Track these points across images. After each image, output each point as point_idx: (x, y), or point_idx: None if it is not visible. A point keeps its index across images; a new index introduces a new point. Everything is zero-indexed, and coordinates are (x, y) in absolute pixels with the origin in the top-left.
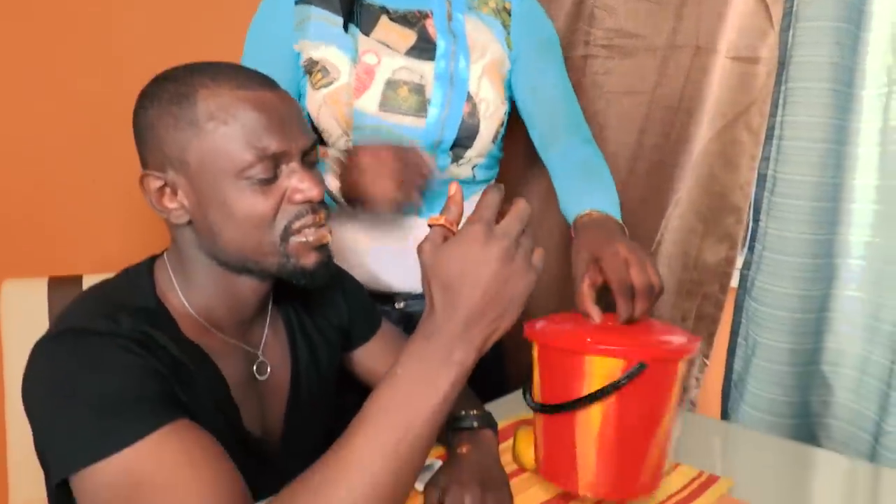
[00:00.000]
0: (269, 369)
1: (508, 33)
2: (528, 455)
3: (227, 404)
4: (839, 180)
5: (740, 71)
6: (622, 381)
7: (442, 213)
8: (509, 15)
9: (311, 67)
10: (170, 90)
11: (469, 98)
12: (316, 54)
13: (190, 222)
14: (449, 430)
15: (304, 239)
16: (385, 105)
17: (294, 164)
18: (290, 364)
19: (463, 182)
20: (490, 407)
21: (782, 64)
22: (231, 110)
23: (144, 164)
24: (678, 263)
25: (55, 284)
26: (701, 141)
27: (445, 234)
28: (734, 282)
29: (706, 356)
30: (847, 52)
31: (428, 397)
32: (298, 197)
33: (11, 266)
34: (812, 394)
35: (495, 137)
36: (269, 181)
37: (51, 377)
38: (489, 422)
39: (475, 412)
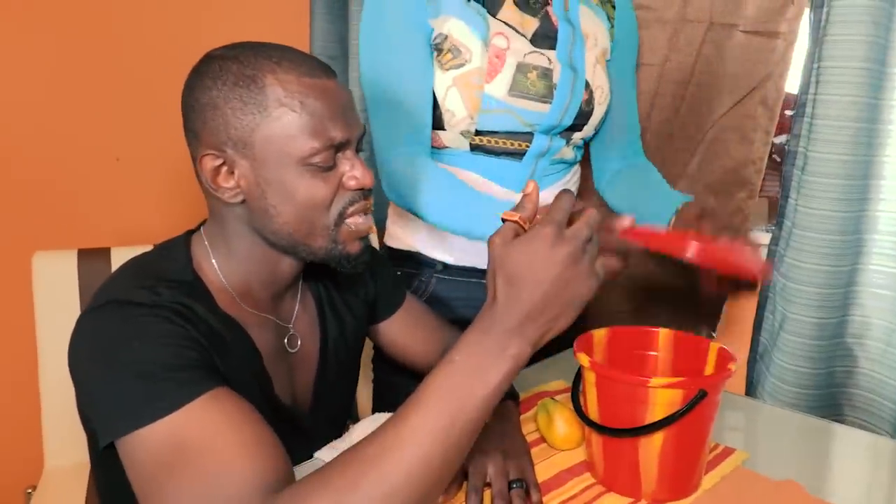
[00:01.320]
0: (299, 342)
1: (612, 25)
2: (552, 434)
3: (261, 374)
4: (870, 158)
5: (757, 45)
6: (685, 410)
7: (516, 209)
8: (613, 7)
9: (441, 45)
10: (235, 72)
11: (587, 85)
12: (446, 29)
13: (243, 202)
14: None
15: (353, 227)
16: (514, 89)
17: (350, 152)
18: (318, 337)
19: (564, 163)
20: (527, 373)
21: (815, 42)
22: (299, 97)
23: (197, 141)
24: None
25: (84, 256)
26: (713, 115)
27: (517, 230)
28: None
29: (713, 328)
30: (882, 31)
31: (480, 387)
32: (353, 184)
33: (42, 238)
34: (837, 365)
35: (600, 123)
36: (330, 168)
37: (97, 346)
38: (511, 393)
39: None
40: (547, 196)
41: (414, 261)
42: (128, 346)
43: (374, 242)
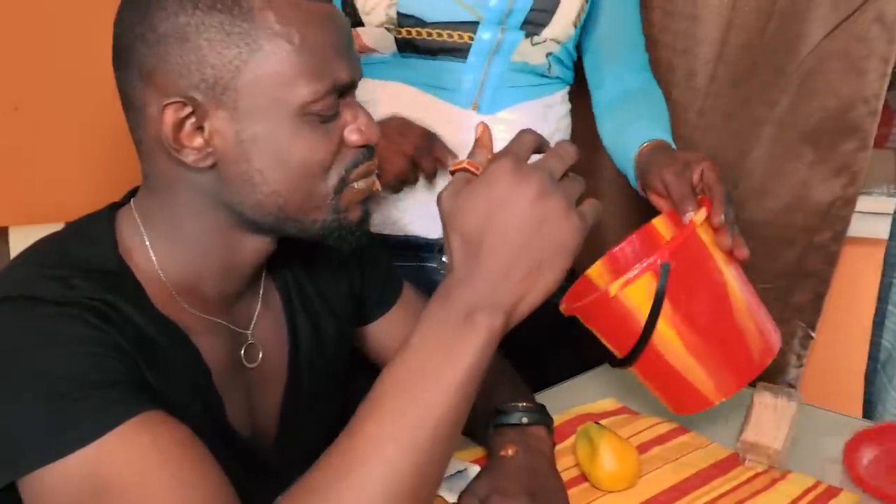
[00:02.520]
0: (260, 354)
1: None
2: (596, 470)
3: (209, 396)
4: None
5: None
6: (659, 290)
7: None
8: None
9: None
10: None
11: None
12: None
13: (213, 167)
14: (491, 427)
15: (355, 188)
16: None
17: (351, 98)
18: (287, 346)
19: (534, 73)
20: (546, 396)
21: None
22: (297, 26)
23: (146, 85)
24: (776, 202)
25: None
26: (811, 37)
27: (469, 178)
28: (856, 229)
29: (811, 326)
30: None
31: (448, 370)
32: (356, 138)
33: None
34: None
35: (577, 20)
36: (332, 118)
37: None
38: (542, 417)
39: (524, 404)
40: (506, 118)
41: (405, 247)
42: (29, 356)
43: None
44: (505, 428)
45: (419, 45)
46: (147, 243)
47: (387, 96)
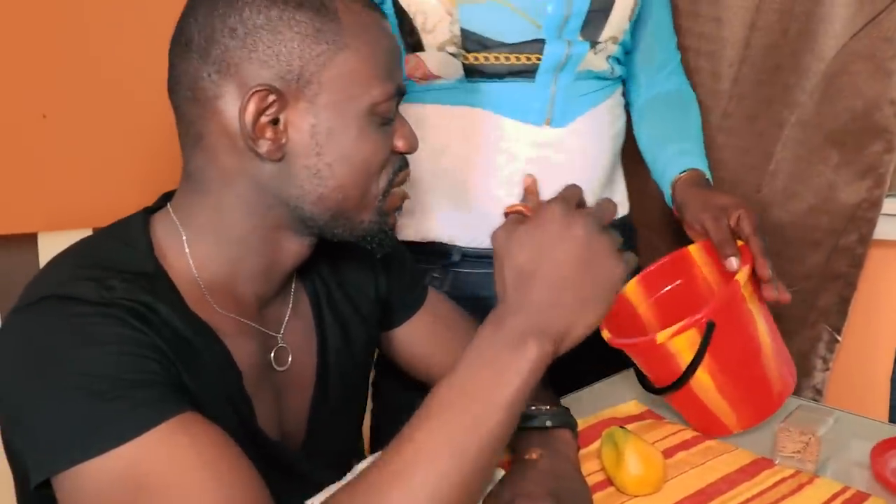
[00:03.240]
0: (290, 358)
1: None
2: (621, 475)
3: (240, 398)
4: None
5: None
6: (702, 346)
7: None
8: None
9: None
10: None
11: None
12: None
13: (281, 159)
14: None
15: (395, 195)
16: None
17: (397, 107)
18: (316, 351)
19: (598, 77)
20: (570, 401)
21: None
22: (371, 31)
23: (229, 75)
24: (801, 204)
25: (4, 244)
26: (835, 38)
27: (522, 220)
28: (883, 232)
29: (837, 330)
30: None
31: (498, 393)
32: (402, 145)
33: None
34: None
35: (631, 15)
36: (390, 122)
37: (28, 356)
38: (566, 420)
39: (549, 408)
40: (579, 128)
41: (422, 253)
42: (70, 354)
43: None
44: (529, 431)
45: (486, 70)
46: (185, 244)
47: (457, 121)
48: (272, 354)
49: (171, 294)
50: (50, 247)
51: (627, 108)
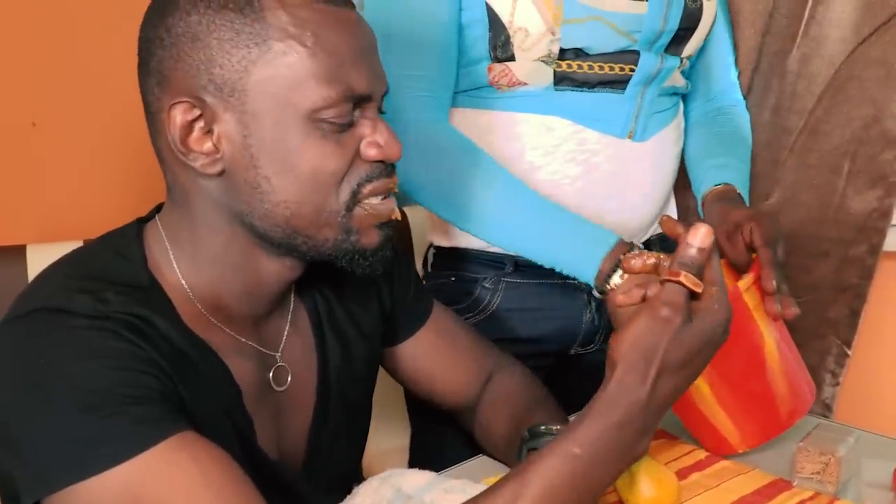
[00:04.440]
0: (289, 377)
1: None
2: (634, 497)
3: (239, 416)
4: None
5: None
6: None
7: (675, 260)
8: None
9: None
10: None
11: None
12: None
13: (221, 173)
14: (524, 450)
15: (370, 209)
16: None
17: (371, 111)
18: (316, 369)
19: (675, 94)
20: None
21: None
22: (311, 28)
23: (162, 87)
24: (810, 213)
25: None
26: (845, 43)
27: (687, 302)
28: (890, 243)
29: (847, 343)
30: None
31: (598, 484)
32: (374, 153)
33: None
34: None
35: (708, 32)
36: (345, 128)
37: (17, 370)
38: None
39: (556, 427)
40: (656, 144)
41: (471, 261)
42: (63, 369)
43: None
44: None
45: (577, 77)
46: (172, 259)
47: (535, 130)
48: (271, 374)
49: (167, 308)
50: (39, 259)
51: None
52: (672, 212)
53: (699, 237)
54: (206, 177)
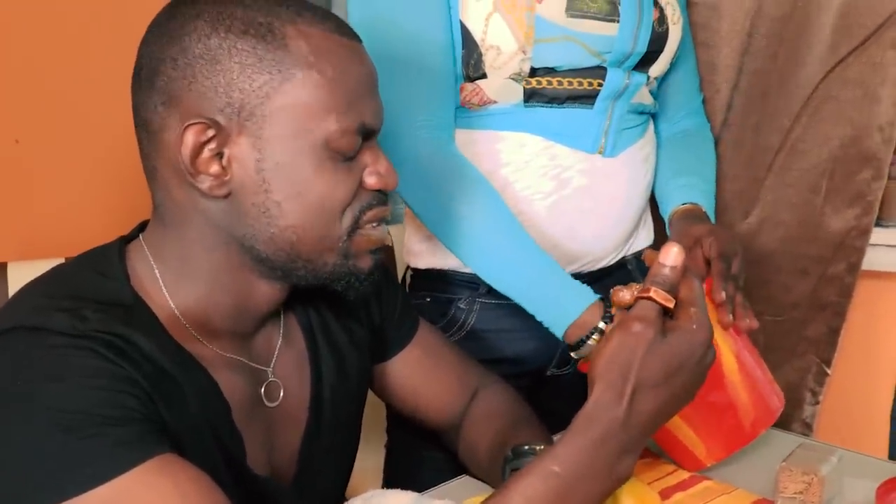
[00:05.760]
0: (281, 392)
1: None
2: None
3: (227, 432)
4: None
5: None
6: None
7: (648, 279)
8: None
9: None
10: (241, 17)
11: (655, 2)
12: None
13: (227, 196)
14: (507, 467)
15: (367, 235)
16: (572, 8)
17: (373, 142)
18: (309, 384)
19: (643, 111)
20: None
21: None
22: (329, 58)
23: (171, 107)
24: (790, 232)
25: None
26: (823, 64)
27: (659, 316)
28: (872, 262)
29: (826, 361)
30: None
31: (589, 499)
32: (374, 181)
33: None
34: None
35: (673, 57)
36: (353, 158)
37: None
38: None
39: (540, 447)
40: (627, 160)
41: (447, 282)
42: (41, 388)
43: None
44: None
45: (547, 94)
46: (158, 277)
47: (508, 146)
48: (262, 389)
49: (152, 325)
50: (20, 277)
51: None
52: (647, 225)
53: (670, 256)
54: (210, 198)
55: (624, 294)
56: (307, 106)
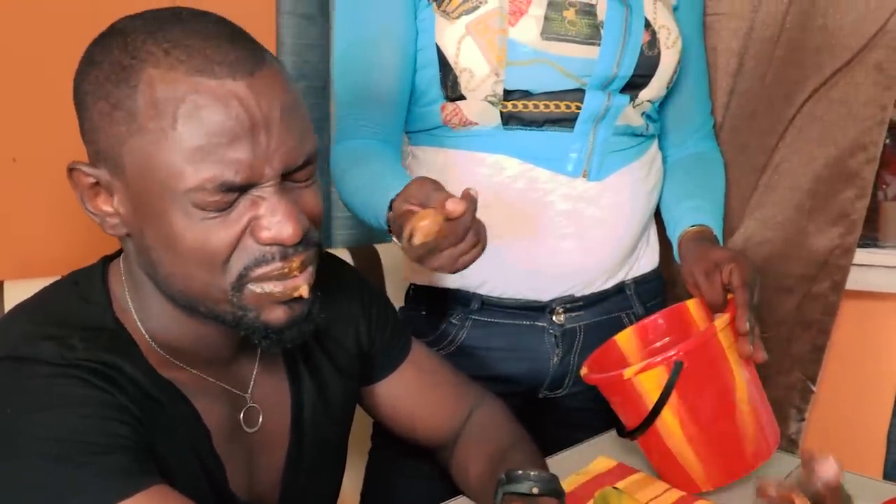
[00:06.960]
0: (261, 418)
1: None
2: None
3: (208, 458)
4: None
5: None
6: (668, 385)
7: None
8: None
9: None
10: (113, 58)
11: (647, 24)
12: None
13: (129, 235)
14: (500, 490)
15: (263, 291)
16: (549, 31)
17: (268, 189)
18: (290, 409)
19: (634, 134)
20: (560, 459)
21: None
22: (183, 106)
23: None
24: (774, 250)
25: None
26: (809, 84)
27: None
28: (857, 282)
29: (811, 378)
30: None
31: None
32: (265, 235)
33: None
34: None
35: (670, 82)
36: (229, 209)
37: None
38: (553, 488)
39: (536, 473)
40: (615, 184)
41: (442, 298)
42: (29, 419)
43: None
44: (514, 497)
45: (524, 117)
46: (129, 302)
47: (489, 170)
48: (241, 415)
49: (133, 351)
50: (17, 296)
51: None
52: (650, 248)
53: (830, 472)
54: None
55: (771, 491)
56: (158, 160)
